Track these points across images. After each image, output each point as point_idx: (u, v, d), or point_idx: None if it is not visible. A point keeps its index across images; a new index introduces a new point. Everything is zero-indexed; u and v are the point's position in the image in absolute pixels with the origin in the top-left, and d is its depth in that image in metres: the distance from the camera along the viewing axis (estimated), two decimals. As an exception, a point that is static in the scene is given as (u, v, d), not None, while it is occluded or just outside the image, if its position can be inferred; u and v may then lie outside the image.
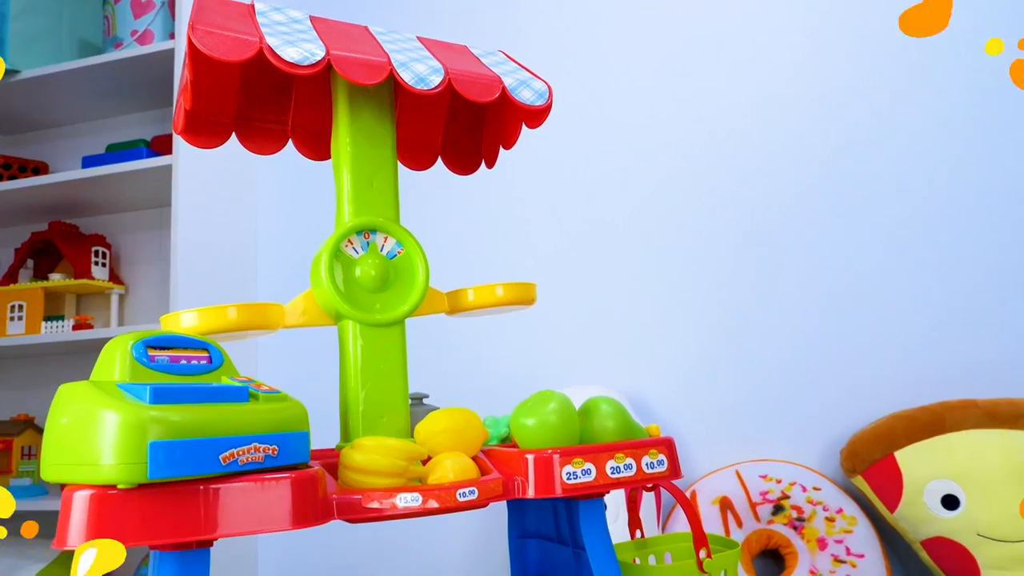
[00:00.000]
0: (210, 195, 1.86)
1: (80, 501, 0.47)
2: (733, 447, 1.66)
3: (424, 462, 0.62)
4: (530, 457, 0.62)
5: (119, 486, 0.47)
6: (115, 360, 0.54)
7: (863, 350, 1.62)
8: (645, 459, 0.65)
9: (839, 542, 1.46)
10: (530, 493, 0.61)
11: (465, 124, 0.86)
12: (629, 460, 0.64)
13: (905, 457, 1.46)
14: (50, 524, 2.01)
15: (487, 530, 1.77)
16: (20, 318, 1.94)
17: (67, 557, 1.84)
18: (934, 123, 1.64)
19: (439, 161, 0.87)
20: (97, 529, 0.46)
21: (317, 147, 0.81)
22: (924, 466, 1.43)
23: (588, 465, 0.62)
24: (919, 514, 1.42)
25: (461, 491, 0.57)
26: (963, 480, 1.39)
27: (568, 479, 0.60)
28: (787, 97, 1.72)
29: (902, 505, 1.44)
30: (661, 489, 1.58)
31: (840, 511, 1.50)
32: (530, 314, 1.77)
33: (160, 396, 0.49)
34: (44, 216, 2.10)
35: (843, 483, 1.59)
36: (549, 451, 0.62)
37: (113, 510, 0.47)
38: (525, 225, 1.86)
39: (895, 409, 1.55)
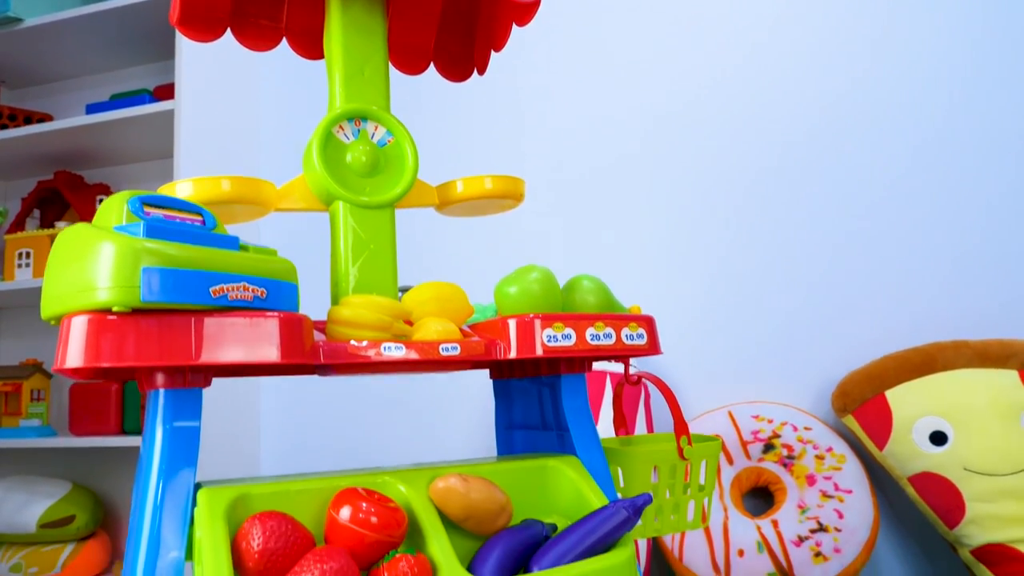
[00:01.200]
0: (213, 143, 1.88)
1: (78, 324, 0.50)
2: (727, 390, 1.69)
3: (411, 324, 0.64)
4: (512, 321, 0.65)
5: (114, 309, 0.49)
6: (111, 212, 0.56)
7: (858, 295, 1.64)
8: (625, 331, 0.67)
9: (828, 479, 1.49)
10: (512, 354, 0.63)
11: (457, 31, 0.88)
12: (609, 330, 0.66)
13: (895, 396, 1.48)
14: (59, 462, 2.05)
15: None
16: (28, 265, 1.98)
17: (75, 494, 1.88)
18: (929, 67, 1.64)
19: (432, 68, 0.89)
20: (95, 351, 0.49)
21: (310, 46, 0.83)
22: (914, 404, 1.45)
23: (568, 330, 0.64)
24: (907, 451, 1.44)
25: (444, 346, 0.59)
26: (952, 417, 1.41)
27: (548, 342, 0.63)
28: (789, 40, 1.73)
29: (891, 442, 1.46)
30: (650, 391, 1.60)
31: (830, 449, 1.52)
32: (523, 240, 1.79)
33: (154, 231, 0.52)
34: (50, 166, 2.13)
35: (834, 424, 1.61)
36: (531, 315, 0.64)
37: (109, 332, 0.49)
38: (526, 157, 1.87)
39: (888, 352, 1.57)
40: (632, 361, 1.66)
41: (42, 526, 1.80)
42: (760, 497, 1.62)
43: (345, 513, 0.55)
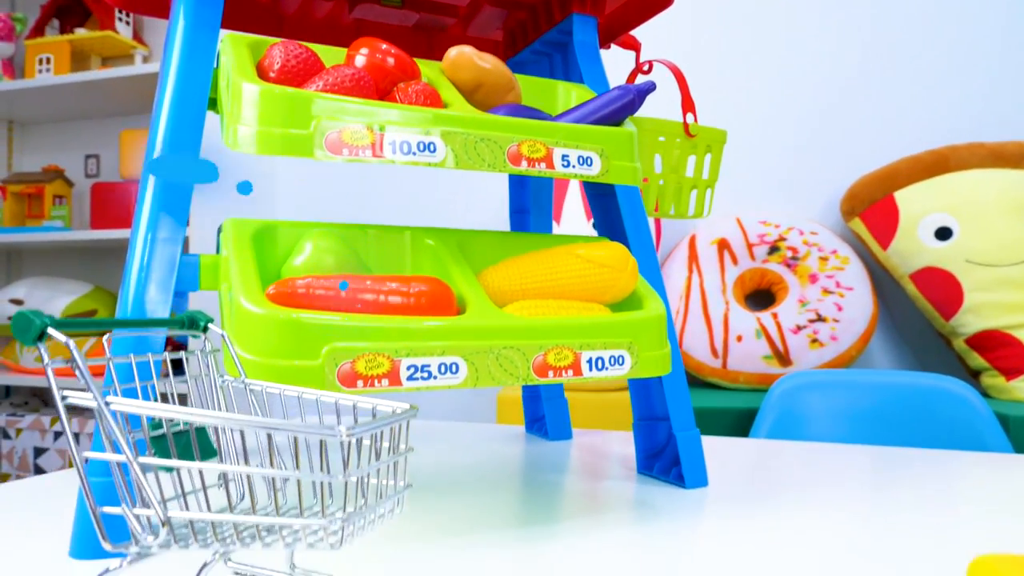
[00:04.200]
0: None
1: None
2: (737, 199, 1.70)
3: None
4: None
5: None
6: None
7: (873, 104, 1.62)
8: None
9: (830, 277, 1.52)
10: None
11: None
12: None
13: (904, 196, 1.49)
14: (81, 266, 2.11)
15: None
16: (48, 70, 1.99)
17: (97, 292, 1.95)
18: None
19: None
20: None
21: None
22: (922, 203, 1.46)
23: None
24: (911, 247, 1.46)
25: None
26: (958, 212, 1.42)
27: None
28: None
29: (896, 240, 1.48)
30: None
31: (834, 252, 1.55)
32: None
33: None
34: (69, -27, 2.11)
35: (841, 231, 1.63)
36: None
37: None
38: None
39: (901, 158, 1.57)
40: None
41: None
42: (763, 299, 1.65)
43: (361, 59, 0.57)
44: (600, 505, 0.59)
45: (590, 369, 0.53)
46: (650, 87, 0.63)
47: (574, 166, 0.57)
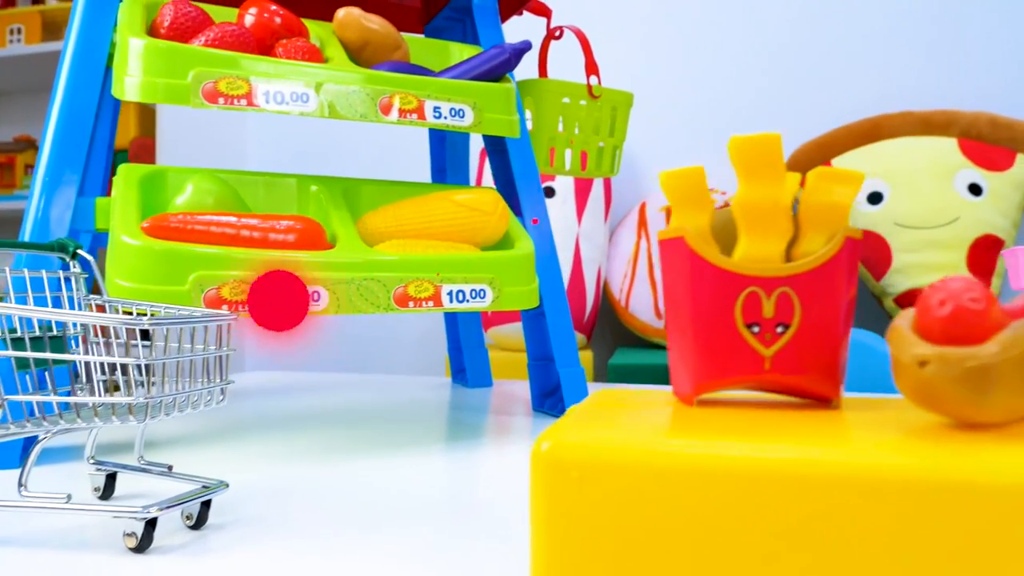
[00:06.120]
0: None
1: None
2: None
3: None
4: None
5: None
6: None
7: (812, 74, 1.67)
8: None
9: (771, 241, 1.57)
10: None
11: None
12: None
13: (841, 163, 1.53)
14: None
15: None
16: (19, 40, 2.02)
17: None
18: None
19: None
20: None
21: None
22: (857, 168, 1.51)
23: None
24: (846, 212, 1.51)
25: None
26: (889, 177, 1.47)
27: None
28: None
29: (832, 206, 1.53)
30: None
31: (776, 217, 1.60)
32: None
33: None
34: (37, -56, 2.14)
35: (784, 199, 1.68)
36: None
37: None
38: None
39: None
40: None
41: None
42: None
43: (250, 18, 0.62)
44: (475, 432, 0.65)
45: (451, 301, 0.58)
46: (525, 46, 0.68)
47: (446, 117, 0.62)
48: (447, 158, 0.94)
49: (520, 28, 1.79)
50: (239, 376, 1.08)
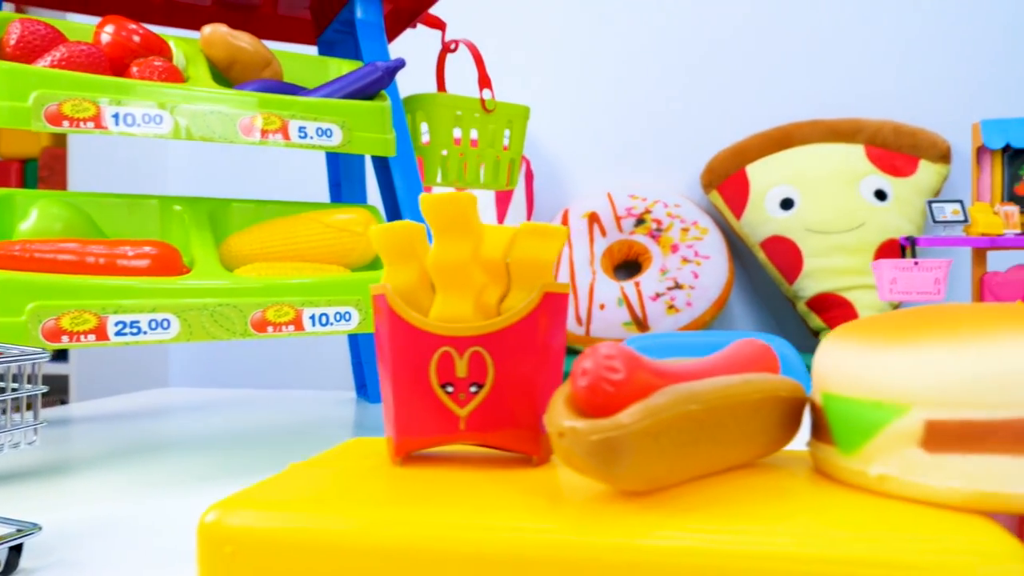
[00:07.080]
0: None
1: None
2: (608, 177, 1.77)
3: None
4: None
5: None
6: None
7: (727, 85, 1.70)
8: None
9: (690, 247, 1.59)
10: None
11: None
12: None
13: (754, 169, 1.57)
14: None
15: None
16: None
17: None
18: None
19: None
20: None
21: None
22: (769, 175, 1.55)
23: None
24: (760, 217, 1.54)
25: None
26: (799, 183, 1.51)
27: None
28: None
29: (747, 211, 1.56)
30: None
31: (695, 223, 1.63)
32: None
33: None
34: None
35: (703, 204, 1.71)
36: None
37: None
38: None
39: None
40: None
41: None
42: (631, 269, 1.73)
43: (106, 36, 0.60)
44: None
45: (313, 325, 0.57)
46: (399, 64, 0.67)
47: (312, 137, 0.62)
48: (341, 173, 0.93)
49: (417, 42, 1.79)
50: (157, 392, 1.05)
